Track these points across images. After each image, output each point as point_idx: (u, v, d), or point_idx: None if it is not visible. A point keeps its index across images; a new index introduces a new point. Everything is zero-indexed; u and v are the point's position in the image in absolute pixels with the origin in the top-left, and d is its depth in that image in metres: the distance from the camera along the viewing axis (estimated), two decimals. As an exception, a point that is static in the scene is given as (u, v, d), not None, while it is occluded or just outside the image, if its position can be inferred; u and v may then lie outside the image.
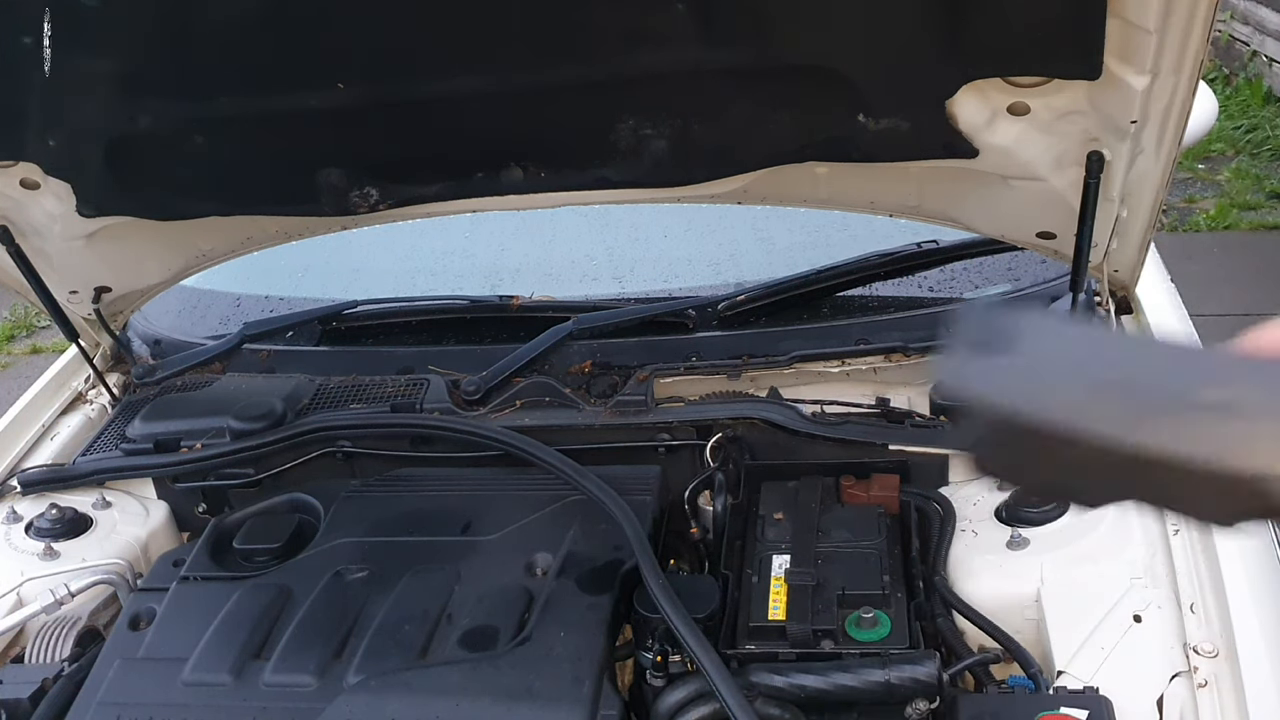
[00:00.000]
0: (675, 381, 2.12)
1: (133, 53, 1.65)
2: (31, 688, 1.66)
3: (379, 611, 1.69)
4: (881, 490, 1.89)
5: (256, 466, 2.09)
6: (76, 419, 2.34)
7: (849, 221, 2.31)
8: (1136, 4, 1.40)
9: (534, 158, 1.87)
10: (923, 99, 1.65)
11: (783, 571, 1.71)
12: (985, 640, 1.62)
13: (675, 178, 1.90)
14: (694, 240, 2.69)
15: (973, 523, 1.80)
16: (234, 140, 1.84)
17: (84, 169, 1.87)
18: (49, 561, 1.95)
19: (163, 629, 1.72)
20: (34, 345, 6.09)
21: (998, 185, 1.82)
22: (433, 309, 2.43)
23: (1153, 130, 1.61)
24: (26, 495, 2.12)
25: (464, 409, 2.10)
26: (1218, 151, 6.95)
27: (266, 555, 1.87)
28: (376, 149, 1.89)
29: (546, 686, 1.51)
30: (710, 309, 2.25)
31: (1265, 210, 6.28)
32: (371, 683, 1.56)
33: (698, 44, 1.61)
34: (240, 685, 1.59)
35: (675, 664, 1.58)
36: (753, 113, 1.74)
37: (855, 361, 2.12)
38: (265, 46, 1.64)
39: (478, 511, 1.90)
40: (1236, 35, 7.88)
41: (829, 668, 1.52)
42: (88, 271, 2.17)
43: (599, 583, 1.69)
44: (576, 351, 2.21)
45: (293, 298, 2.61)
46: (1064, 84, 1.59)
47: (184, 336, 2.47)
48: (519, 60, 1.66)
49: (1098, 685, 1.47)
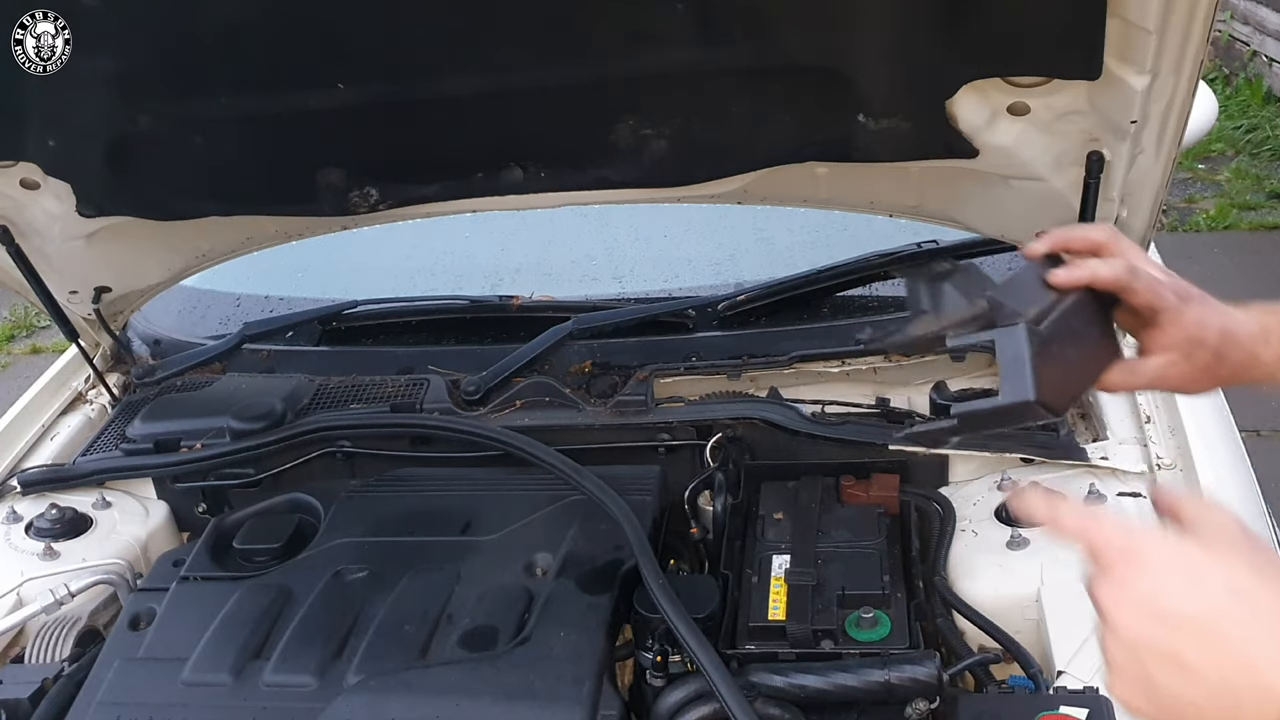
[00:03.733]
0: (675, 381, 2.12)
1: (133, 53, 1.65)
2: (31, 688, 1.66)
3: (379, 611, 1.69)
4: (881, 490, 1.89)
5: (256, 466, 2.09)
6: (76, 419, 2.34)
7: (849, 221, 2.31)
8: (1136, 4, 1.41)
9: (534, 158, 1.87)
10: (923, 99, 1.65)
11: (783, 571, 1.71)
12: (985, 640, 1.62)
13: (675, 178, 1.90)
14: (694, 240, 2.69)
15: (973, 523, 1.80)
16: (234, 140, 1.84)
17: (84, 169, 1.87)
18: (49, 561, 1.95)
19: (163, 629, 1.72)
20: (34, 345, 6.09)
21: (998, 185, 1.82)
22: (433, 309, 2.43)
23: (1153, 130, 1.61)
24: (26, 495, 2.12)
25: (464, 409, 2.10)
26: (1218, 151, 6.95)
27: (266, 555, 1.87)
28: (376, 149, 1.89)
29: (546, 686, 1.51)
30: (710, 309, 2.25)
31: (1265, 210, 6.28)
32: (371, 683, 1.56)
33: (698, 44, 1.62)
34: (240, 685, 1.59)
35: (675, 664, 1.58)
36: (753, 113, 1.74)
37: (855, 361, 2.12)
38: (265, 46, 1.64)
39: (478, 511, 1.90)
40: (1236, 35, 7.88)
41: (829, 668, 1.51)
42: (88, 271, 2.17)
43: (599, 583, 1.69)
44: (576, 351, 2.21)
45: (293, 298, 2.60)
46: (1064, 84, 1.59)
47: (184, 336, 2.47)
48: (519, 60, 1.66)
49: (1098, 685, 1.47)
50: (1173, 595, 0.83)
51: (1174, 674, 0.82)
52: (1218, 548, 0.85)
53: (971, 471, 1.94)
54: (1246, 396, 2.85)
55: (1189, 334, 1.18)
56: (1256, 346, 1.19)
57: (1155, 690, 0.83)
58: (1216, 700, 0.81)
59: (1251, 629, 0.80)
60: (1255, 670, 0.80)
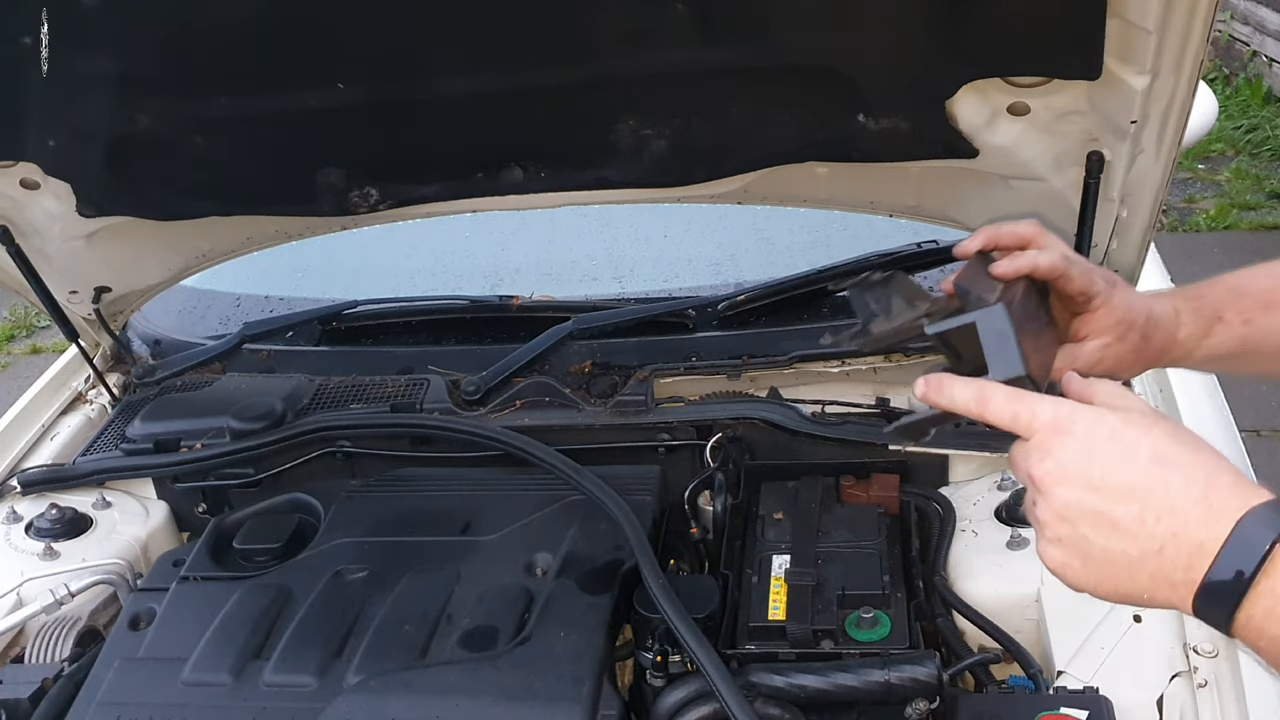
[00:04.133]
0: (675, 381, 2.12)
1: (133, 53, 1.65)
2: (31, 688, 1.66)
3: (379, 611, 1.69)
4: (881, 490, 1.89)
5: (256, 466, 2.09)
6: (76, 419, 2.34)
7: (849, 221, 2.31)
8: (1136, 4, 1.40)
9: (534, 158, 1.87)
10: (923, 99, 1.65)
11: (783, 571, 1.71)
12: (985, 640, 1.62)
13: (675, 178, 1.90)
14: (694, 240, 2.69)
15: (973, 523, 1.80)
16: (234, 140, 1.84)
17: (84, 169, 1.87)
18: (49, 561, 1.95)
19: (163, 629, 1.72)
20: (34, 345, 6.09)
21: (998, 185, 1.82)
22: (433, 309, 2.43)
23: (1153, 130, 1.61)
24: (26, 495, 2.12)
25: (464, 409, 2.10)
26: (1218, 151, 6.95)
27: (266, 555, 1.87)
28: (376, 149, 1.89)
29: (546, 686, 1.51)
30: (710, 309, 2.25)
31: (1265, 210, 6.28)
32: (371, 683, 1.56)
33: (698, 44, 1.61)
34: (240, 685, 1.59)
35: (675, 664, 1.58)
36: (753, 113, 1.74)
37: (855, 361, 2.12)
38: (265, 46, 1.64)
39: (478, 511, 1.90)
40: (1236, 35, 7.88)
41: (829, 668, 1.51)
42: (88, 271, 2.17)
43: (599, 583, 1.69)
44: (576, 351, 2.21)
45: (293, 298, 2.60)
46: (1064, 84, 1.59)
47: (184, 336, 2.47)
48: (519, 60, 1.66)
49: (1098, 685, 1.47)
50: (1102, 462, 0.91)
51: (1107, 533, 0.90)
52: (1136, 419, 0.93)
53: (971, 471, 1.94)
54: (1246, 397, 2.85)
55: (1119, 316, 1.23)
56: (1172, 327, 1.25)
57: (1088, 550, 0.91)
58: (1148, 557, 0.89)
59: (1177, 491, 0.88)
60: (1184, 527, 0.88)
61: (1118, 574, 0.91)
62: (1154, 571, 0.89)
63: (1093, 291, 1.22)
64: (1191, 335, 1.26)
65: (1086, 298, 1.22)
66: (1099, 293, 1.22)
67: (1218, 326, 1.26)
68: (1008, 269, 1.18)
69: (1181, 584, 0.88)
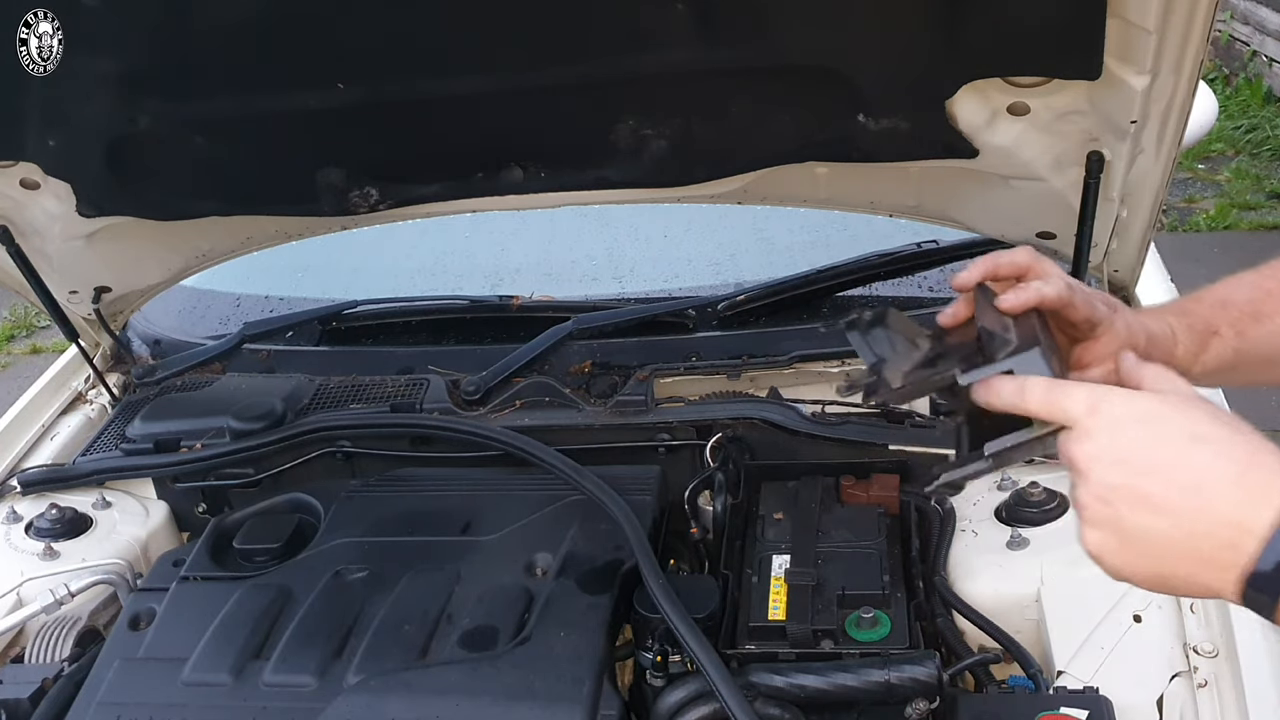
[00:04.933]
0: (675, 381, 2.12)
1: (133, 53, 1.65)
2: (31, 688, 1.66)
3: (379, 611, 1.69)
4: (881, 490, 1.89)
5: (256, 466, 2.09)
6: (76, 419, 2.34)
7: (849, 221, 2.31)
8: (1136, 4, 1.40)
9: (534, 158, 1.87)
10: (923, 99, 1.65)
11: (783, 571, 1.71)
12: (985, 640, 1.62)
13: (675, 178, 1.90)
14: (694, 240, 2.69)
15: (973, 523, 1.80)
16: (234, 140, 1.84)
17: (84, 169, 1.87)
18: (49, 561, 1.95)
19: (163, 629, 1.72)
20: (34, 345, 6.09)
21: (998, 185, 1.82)
22: (433, 309, 2.43)
23: (1153, 130, 1.61)
24: (26, 495, 2.12)
25: (464, 409, 2.10)
26: (1218, 151, 6.95)
27: (266, 555, 1.87)
28: (376, 149, 1.89)
29: (546, 686, 1.51)
30: (710, 309, 2.25)
31: (1265, 210, 6.28)
32: (371, 683, 1.56)
33: (698, 44, 1.61)
34: (240, 685, 1.59)
35: (675, 664, 1.58)
36: (753, 113, 1.74)
37: (855, 361, 2.12)
38: (265, 46, 1.64)
39: (478, 511, 1.90)
40: (1236, 35, 7.88)
41: (829, 668, 1.51)
42: (88, 271, 2.17)
43: (599, 583, 1.69)
44: (576, 351, 2.21)
45: (293, 298, 2.61)
46: (1064, 84, 1.59)
47: (184, 336, 2.47)
48: (519, 60, 1.66)
49: (1098, 685, 1.47)
50: (1138, 440, 0.92)
51: (1143, 512, 0.90)
52: (1174, 400, 0.95)
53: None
54: (1247, 397, 2.85)
55: (1122, 341, 1.21)
56: (1170, 346, 1.24)
57: (1125, 530, 0.92)
58: (1186, 537, 0.89)
59: (1208, 466, 0.89)
60: (1219, 504, 0.87)
61: (1155, 554, 0.91)
62: (1192, 551, 0.89)
63: (1097, 319, 1.19)
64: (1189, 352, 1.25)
65: (1090, 325, 1.20)
66: (1102, 319, 1.19)
67: (1213, 341, 1.25)
68: (1015, 303, 1.15)
69: (1226, 566, 0.87)
